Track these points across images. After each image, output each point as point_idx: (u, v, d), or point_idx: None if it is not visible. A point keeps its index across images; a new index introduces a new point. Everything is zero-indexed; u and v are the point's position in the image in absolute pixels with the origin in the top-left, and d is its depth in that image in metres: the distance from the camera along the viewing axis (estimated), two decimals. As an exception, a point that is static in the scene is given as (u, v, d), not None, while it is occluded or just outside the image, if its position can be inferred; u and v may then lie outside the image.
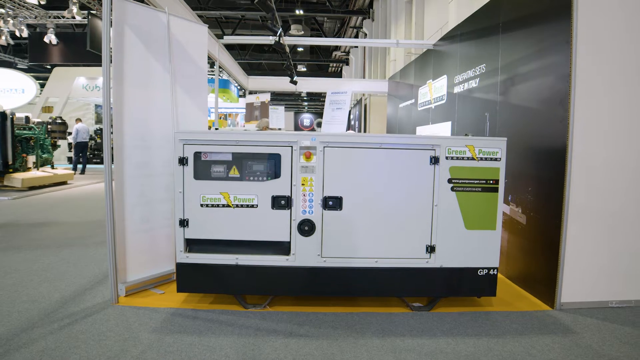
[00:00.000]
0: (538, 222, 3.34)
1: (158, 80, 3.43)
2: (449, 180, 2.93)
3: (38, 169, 9.62)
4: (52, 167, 10.22)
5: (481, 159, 2.92)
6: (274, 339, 2.58)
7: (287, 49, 6.97)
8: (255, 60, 23.23)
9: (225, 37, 6.05)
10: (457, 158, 2.92)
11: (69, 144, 14.38)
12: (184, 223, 2.94)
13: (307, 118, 17.07)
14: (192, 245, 2.99)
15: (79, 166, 13.24)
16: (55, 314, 2.86)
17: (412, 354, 2.43)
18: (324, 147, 2.91)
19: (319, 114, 15.73)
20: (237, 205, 2.93)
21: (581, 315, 2.97)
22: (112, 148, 3.10)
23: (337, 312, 3.00)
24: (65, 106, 15.96)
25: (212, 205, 2.93)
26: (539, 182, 3.35)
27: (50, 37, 11.73)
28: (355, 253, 2.97)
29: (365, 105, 13.23)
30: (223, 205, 2.93)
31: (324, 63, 25.13)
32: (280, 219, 2.94)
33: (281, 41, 5.64)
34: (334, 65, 25.92)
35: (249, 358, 2.36)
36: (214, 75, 6.40)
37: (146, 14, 3.35)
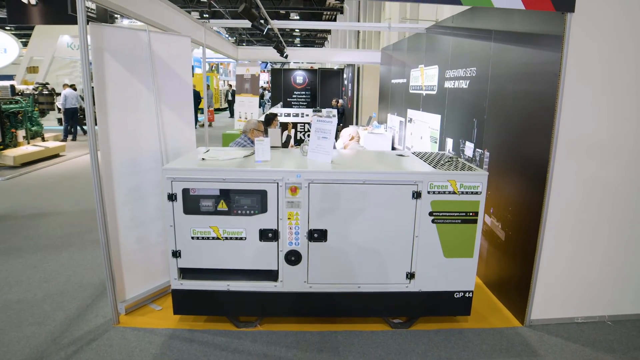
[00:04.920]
0: (515, 242, 3.51)
1: (143, 102, 3.41)
2: (430, 213, 3.04)
3: (29, 143, 9.57)
4: (43, 140, 10.15)
5: (462, 192, 3.02)
6: (264, 367, 2.82)
7: (277, 31, 6.73)
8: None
9: (211, 20, 5.84)
10: (439, 192, 3.01)
11: (58, 108, 14.12)
12: (176, 254, 3.08)
13: (299, 75, 16.63)
14: (186, 273, 3.15)
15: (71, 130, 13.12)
16: (61, 338, 3.07)
17: (388, 383, 2.69)
18: (309, 183, 2.98)
19: (312, 71, 15.36)
20: (226, 238, 3.05)
21: (548, 333, 3.23)
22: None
23: (322, 330, 3.24)
24: (50, 65, 15.48)
25: (203, 238, 3.05)
26: (519, 207, 3.47)
27: (28, -3, 11.13)
28: (339, 280, 3.15)
29: (359, 69, 12.92)
30: (213, 238, 3.05)
31: (318, 11, 24.02)
32: (268, 250, 3.08)
33: (270, 26, 5.44)
34: (328, 13, 24.78)
35: (241, 391, 2.60)
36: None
37: (125, 36, 3.26)
